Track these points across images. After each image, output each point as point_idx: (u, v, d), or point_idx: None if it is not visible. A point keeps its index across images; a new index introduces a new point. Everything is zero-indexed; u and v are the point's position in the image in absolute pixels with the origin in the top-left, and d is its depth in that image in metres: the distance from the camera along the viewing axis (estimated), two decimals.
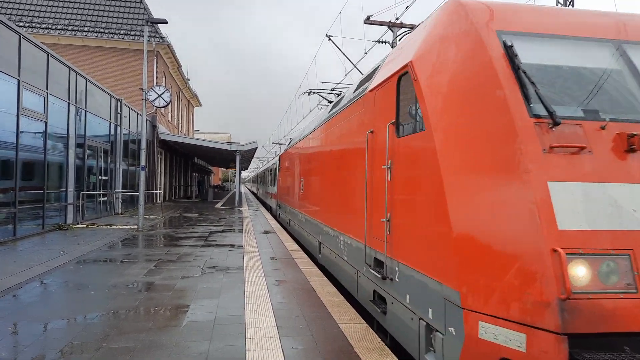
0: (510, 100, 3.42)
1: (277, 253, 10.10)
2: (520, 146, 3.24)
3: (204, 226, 15.68)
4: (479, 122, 3.63)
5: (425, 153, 4.03)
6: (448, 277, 3.52)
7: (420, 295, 4.04)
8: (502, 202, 3.28)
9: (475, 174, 3.54)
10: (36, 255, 9.16)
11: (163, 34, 27.92)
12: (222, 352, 4.20)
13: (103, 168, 18.40)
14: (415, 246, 4.20)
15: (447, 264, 3.55)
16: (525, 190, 3.13)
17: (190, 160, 45.56)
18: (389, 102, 5.13)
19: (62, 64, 14.06)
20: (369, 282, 5.78)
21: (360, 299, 6.36)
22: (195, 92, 43.14)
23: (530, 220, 3.04)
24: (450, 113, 3.88)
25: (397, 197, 4.70)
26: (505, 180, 3.31)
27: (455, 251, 3.45)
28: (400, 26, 13.80)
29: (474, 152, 3.59)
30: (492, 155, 3.46)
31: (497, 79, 3.54)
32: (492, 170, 3.43)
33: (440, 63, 4.17)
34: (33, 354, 4.08)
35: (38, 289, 6.51)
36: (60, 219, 14.21)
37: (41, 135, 12.76)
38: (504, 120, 3.42)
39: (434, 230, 3.79)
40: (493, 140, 3.48)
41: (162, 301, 5.97)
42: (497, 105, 3.50)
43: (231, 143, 29.96)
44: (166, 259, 9.06)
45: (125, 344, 4.36)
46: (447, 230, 3.54)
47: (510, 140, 3.33)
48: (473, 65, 3.80)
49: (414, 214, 4.27)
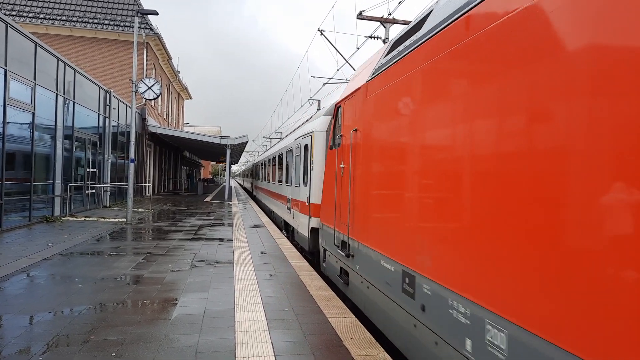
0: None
1: (267, 247, 10.10)
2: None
3: (194, 220, 15.61)
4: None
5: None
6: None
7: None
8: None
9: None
10: (22, 247, 9.05)
11: (153, 25, 27.61)
12: (212, 345, 4.20)
13: (91, 160, 18.19)
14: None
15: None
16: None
17: (180, 153, 45.24)
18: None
19: (50, 54, 13.84)
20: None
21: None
22: (185, 84, 42.80)
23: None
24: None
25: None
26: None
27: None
28: (393, 22, 13.80)
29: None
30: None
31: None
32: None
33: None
34: (19, 347, 4.03)
35: (24, 282, 6.44)
36: (47, 211, 14.03)
37: (28, 126, 12.56)
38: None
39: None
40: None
41: (150, 294, 5.93)
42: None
43: (221, 137, 29.78)
44: (155, 252, 9.00)
45: (114, 337, 4.34)
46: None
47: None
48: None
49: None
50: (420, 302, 3.89)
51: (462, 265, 3.24)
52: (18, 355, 3.85)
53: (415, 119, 4.22)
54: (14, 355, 3.85)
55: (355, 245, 5.92)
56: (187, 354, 3.98)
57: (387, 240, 4.77)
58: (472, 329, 3.07)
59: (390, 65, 5.02)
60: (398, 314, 4.42)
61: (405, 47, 4.72)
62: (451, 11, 3.78)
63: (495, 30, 3.01)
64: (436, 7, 4.32)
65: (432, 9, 4.47)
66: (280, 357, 3.99)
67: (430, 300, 3.70)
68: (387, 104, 5.00)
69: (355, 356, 4.06)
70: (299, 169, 11.23)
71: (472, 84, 3.26)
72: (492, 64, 3.01)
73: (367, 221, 5.45)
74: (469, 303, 3.11)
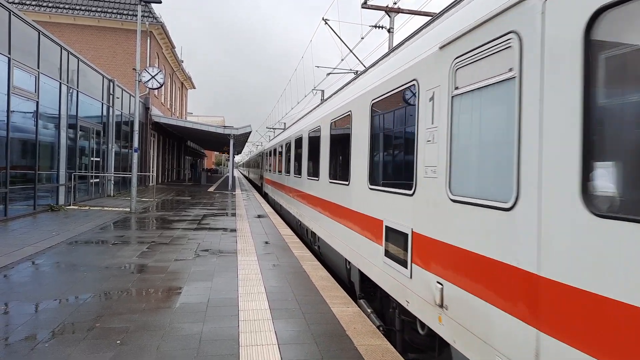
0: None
1: (270, 237, 10.13)
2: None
3: (197, 209, 15.65)
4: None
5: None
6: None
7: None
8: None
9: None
10: (27, 235, 9.11)
11: (157, 14, 27.46)
12: (216, 334, 4.23)
13: (95, 149, 18.23)
14: None
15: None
16: None
17: (184, 143, 45.26)
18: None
19: (53, 42, 13.80)
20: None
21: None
22: (189, 74, 42.67)
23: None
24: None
25: None
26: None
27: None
28: (398, 11, 13.66)
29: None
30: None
31: None
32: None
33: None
34: (25, 334, 4.07)
35: (30, 270, 6.49)
36: (52, 200, 14.10)
37: (32, 115, 12.57)
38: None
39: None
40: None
41: (155, 283, 5.97)
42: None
43: (225, 126, 29.74)
44: (159, 242, 9.04)
45: (119, 325, 4.37)
46: None
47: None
48: None
49: None
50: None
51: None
52: (24, 342, 3.89)
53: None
54: (20, 342, 3.89)
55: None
56: (191, 342, 4.01)
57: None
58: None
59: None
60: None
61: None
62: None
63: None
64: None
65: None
66: (283, 345, 4.01)
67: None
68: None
69: (358, 346, 4.08)
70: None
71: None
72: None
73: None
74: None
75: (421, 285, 3.87)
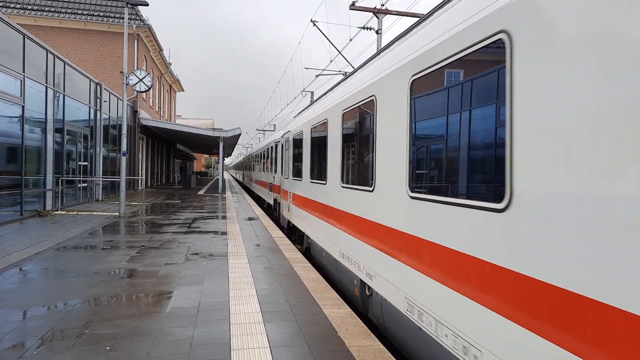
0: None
1: (261, 240, 10.10)
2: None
3: (187, 213, 15.56)
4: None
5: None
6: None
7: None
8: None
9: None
10: (15, 241, 8.98)
11: (144, 17, 27.27)
12: (207, 338, 4.21)
13: (83, 154, 18.03)
14: None
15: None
16: None
17: (173, 146, 44.96)
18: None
19: (39, 46, 13.64)
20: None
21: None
22: (177, 76, 42.43)
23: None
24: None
25: None
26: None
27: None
28: (386, 12, 13.74)
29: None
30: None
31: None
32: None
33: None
34: (13, 341, 4.02)
35: (17, 276, 6.40)
36: (39, 205, 13.92)
37: (18, 120, 12.41)
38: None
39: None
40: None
41: (145, 288, 5.93)
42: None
43: (214, 129, 29.61)
44: (149, 246, 8.98)
45: (108, 331, 4.33)
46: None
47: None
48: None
49: None
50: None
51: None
52: (12, 350, 3.84)
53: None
54: (8, 350, 3.84)
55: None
56: (182, 347, 3.99)
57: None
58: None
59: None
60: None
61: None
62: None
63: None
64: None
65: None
66: (275, 348, 4.01)
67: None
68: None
69: (349, 347, 4.09)
70: None
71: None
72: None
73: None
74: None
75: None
